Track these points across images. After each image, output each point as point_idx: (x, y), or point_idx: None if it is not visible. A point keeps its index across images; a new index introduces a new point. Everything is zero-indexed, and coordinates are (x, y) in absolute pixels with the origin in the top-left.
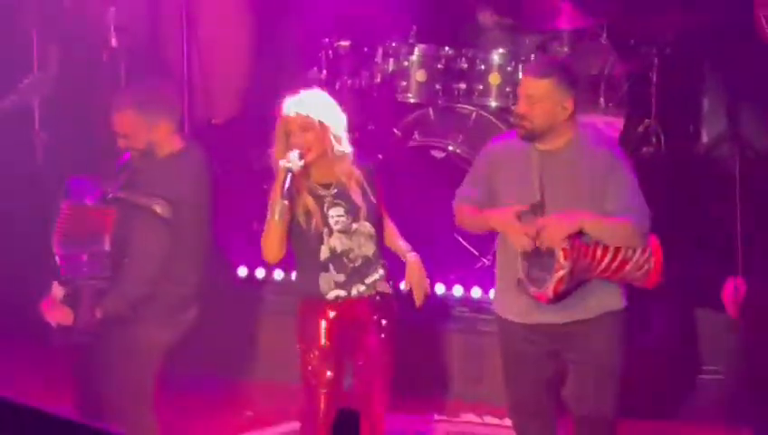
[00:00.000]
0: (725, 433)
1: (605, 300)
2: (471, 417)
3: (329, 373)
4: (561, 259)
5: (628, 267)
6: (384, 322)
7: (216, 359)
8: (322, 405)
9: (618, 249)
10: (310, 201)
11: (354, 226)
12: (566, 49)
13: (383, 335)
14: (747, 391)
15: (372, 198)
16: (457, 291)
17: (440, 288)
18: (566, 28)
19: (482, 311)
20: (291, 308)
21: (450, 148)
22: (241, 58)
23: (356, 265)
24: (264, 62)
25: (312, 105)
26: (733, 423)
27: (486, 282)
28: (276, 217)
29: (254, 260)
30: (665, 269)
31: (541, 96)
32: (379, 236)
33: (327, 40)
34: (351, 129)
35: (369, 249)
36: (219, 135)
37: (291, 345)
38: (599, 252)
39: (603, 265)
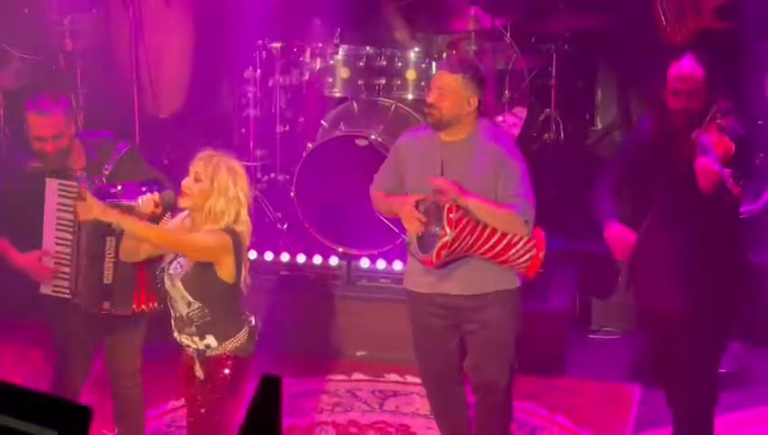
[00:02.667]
0: (617, 389)
1: (500, 278)
2: (394, 377)
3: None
4: (447, 227)
5: (511, 252)
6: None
7: (164, 329)
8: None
9: (504, 233)
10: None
11: (177, 282)
12: (474, 47)
13: (198, 398)
14: (639, 350)
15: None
16: (380, 264)
17: (365, 262)
18: (473, 29)
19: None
20: None
21: (372, 137)
22: (184, 59)
23: (176, 314)
24: (205, 62)
25: (217, 165)
26: (625, 380)
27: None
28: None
29: None
30: (545, 260)
31: (450, 89)
32: (215, 313)
33: (261, 42)
34: (284, 121)
35: (183, 310)
36: (165, 128)
37: None
38: (486, 231)
39: (488, 244)
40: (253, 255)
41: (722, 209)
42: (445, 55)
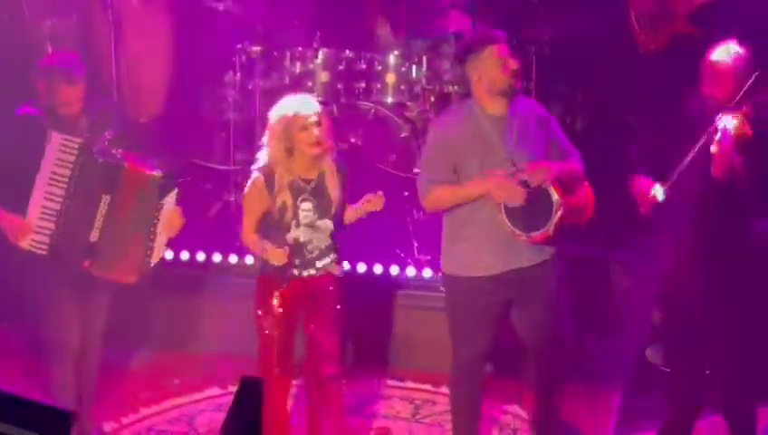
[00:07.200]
0: (598, 394)
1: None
2: (375, 381)
3: (280, 336)
4: (558, 199)
5: (579, 206)
6: (330, 291)
7: (146, 333)
8: (275, 360)
9: (574, 190)
10: (288, 197)
11: (318, 222)
12: (454, 51)
13: (329, 301)
14: (621, 355)
15: (341, 193)
16: (361, 267)
17: (346, 265)
18: (454, 32)
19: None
20: (211, 287)
21: (352, 140)
22: (164, 63)
23: (312, 255)
24: (185, 66)
25: (316, 104)
26: (607, 385)
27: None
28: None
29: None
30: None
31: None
32: (337, 229)
33: (240, 46)
34: (264, 125)
35: (326, 242)
36: (145, 132)
37: (212, 319)
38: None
39: (573, 205)
40: (233, 259)
41: (733, 197)
42: (425, 59)
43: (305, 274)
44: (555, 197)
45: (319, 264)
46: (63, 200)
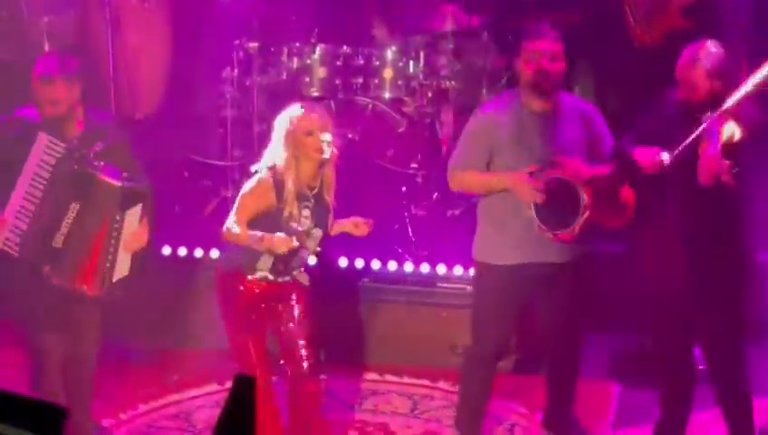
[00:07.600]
0: (596, 387)
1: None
2: (373, 376)
3: (255, 336)
4: (588, 201)
5: (615, 208)
6: (298, 296)
7: (144, 329)
8: (255, 361)
9: (608, 195)
10: (295, 207)
11: (313, 230)
12: (451, 47)
13: (299, 305)
14: (619, 348)
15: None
16: (359, 263)
17: (343, 261)
18: (451, 28)
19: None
20: (208, 283)
21: (349, 135)
22: (161, 60)
23: (303, 261)
24: (182, 62)
25: (321, 110)
26: (605, 378)
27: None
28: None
29: (177, 240)
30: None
31: (560, 54)
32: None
33: (238, 42)
34: (261, 121)
35: (315, 251)
36: (142, 128)
37: (210, 316)
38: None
39: (607, 209)
40: None
41: (721, 199)
42: (422, 55)
43: (280, 280)
44: (584, 198)
45: (294, 272)
46: (39, 202)
